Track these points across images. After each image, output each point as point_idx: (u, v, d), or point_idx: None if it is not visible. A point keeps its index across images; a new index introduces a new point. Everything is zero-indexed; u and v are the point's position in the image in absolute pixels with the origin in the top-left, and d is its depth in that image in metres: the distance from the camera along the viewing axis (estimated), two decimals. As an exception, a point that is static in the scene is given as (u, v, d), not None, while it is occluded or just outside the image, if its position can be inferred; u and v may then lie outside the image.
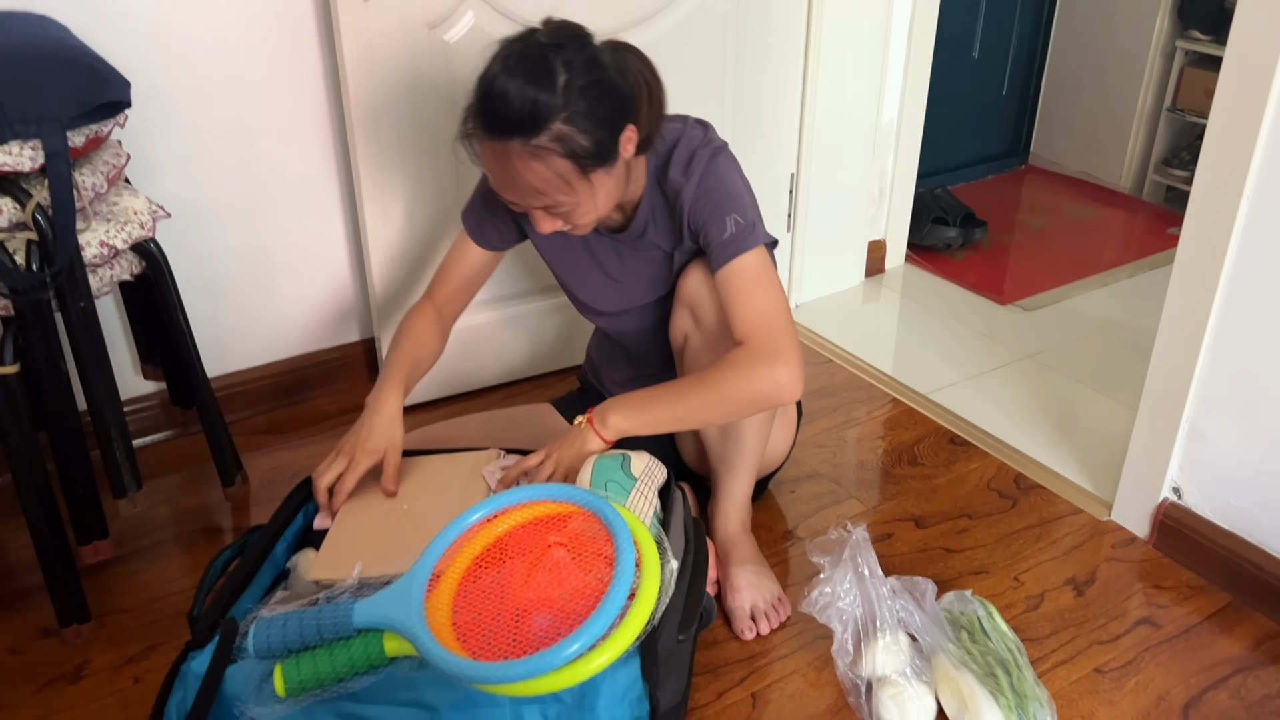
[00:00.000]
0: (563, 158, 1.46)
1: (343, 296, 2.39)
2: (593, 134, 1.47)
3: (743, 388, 1.54)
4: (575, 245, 1.82)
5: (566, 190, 1.50)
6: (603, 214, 1.59)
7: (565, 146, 1.45)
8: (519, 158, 1.46)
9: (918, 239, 3.15)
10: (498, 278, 2.35)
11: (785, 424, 1.95)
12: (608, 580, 1.21)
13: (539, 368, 2.51)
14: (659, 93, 1.59)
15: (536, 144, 1.44)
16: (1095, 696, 1.63)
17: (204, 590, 1.44)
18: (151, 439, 2.26)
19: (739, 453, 1.80)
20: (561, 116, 1.43)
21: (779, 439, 1.94)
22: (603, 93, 1.47)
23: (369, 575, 1.41)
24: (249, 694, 1.27)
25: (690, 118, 1.71)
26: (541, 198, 1.51)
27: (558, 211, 1.54)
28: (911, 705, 1.54)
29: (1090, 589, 1.85)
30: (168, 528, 2.01)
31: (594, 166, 1.50)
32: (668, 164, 1.65)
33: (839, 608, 1.60)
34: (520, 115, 1.42)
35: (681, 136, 1.67)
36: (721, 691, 1.64)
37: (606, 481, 1.49)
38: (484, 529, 1.34)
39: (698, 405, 1.57)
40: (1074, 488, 2.11)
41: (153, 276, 1.81)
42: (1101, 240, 3.33)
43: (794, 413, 2.00)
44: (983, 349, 2.67)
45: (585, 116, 1.45)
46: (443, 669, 1.17)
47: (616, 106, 1.50)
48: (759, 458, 1.83)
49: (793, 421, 2.00)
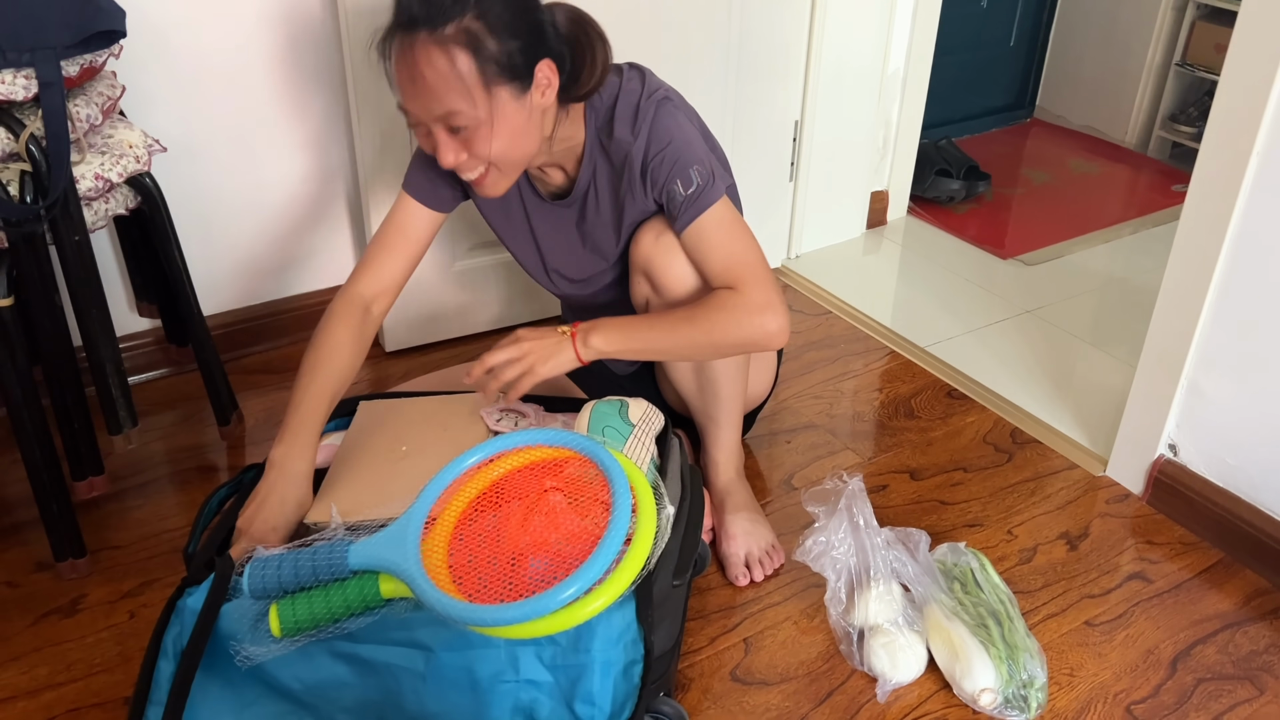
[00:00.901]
0: (465, 51, 1.39)
1: (341, 234, 2.38)
2: (503, 41, 1.41)
3: (732, 332, 1.55)
4: (515, 213, 1.75)
5: (466, 98, 1.42)
6: (508, 155, 1.50)
7: (470, 41, 1.39)
8: (422, 50, 1.39)
9: (920, 191, 3.14)
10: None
11: (763, 362, 1.94)
12: (604, 525, 1.22)
13: (538, 313, 2.50)
14: (597, 48, 1.53)
15: (442, 34, 1.39)
16: (1085, 649, 1.64)
17: (199, 528, 1.45)
18: (146, 377, 2.26)
19: (718, 404, 1.80)
20: (473, 12, 1.39)
21: (758, 379, 1.93)
22: (523, 8, 1.44)
23: (367, 517, 1.42)
24: (244, 632, 1.28)
25: (625, 66, 1.63)
26: (440, 104, 1.43)
27: (458, 130, 1.46)
28: (903, 654, 1.56)
29: (1083, 543, 1.86)
30: (163, 465, 2.01)
31: (499, 79, 1.43)
32: (610, 121, 1.59)
33: (833, 556, 1.60)
34: (431, 4, 1.39)
35: (620, 90, 1.59)
36: (714, 637, 1.65)
37: (604, 427, 1.49)
38: (480, 472, 1.34)
39: (684, 341, 1.56)
40: (1070, 443, 2.12)
41: (148, 211, 1.80)
42: (1105, 196, 3.31)
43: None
44: (983, 303, 2.66)
45: (498, 20, 1.40)
46: (438, 611, 1.18)
47: (534, 30, 1.45)
48: (740, 404, 1.83)
49: (771, 359, 1.98)
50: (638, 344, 1.57)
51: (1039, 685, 1.51)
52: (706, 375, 1.76)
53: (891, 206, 3.06)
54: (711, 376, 1.76)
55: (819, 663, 1.61)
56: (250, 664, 1.26)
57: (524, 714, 1.25)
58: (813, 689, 1.57)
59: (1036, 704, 1.51)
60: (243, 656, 1.25)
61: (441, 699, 1.25)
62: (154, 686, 1.26)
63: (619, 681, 1.25)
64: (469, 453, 1.34)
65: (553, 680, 1.25)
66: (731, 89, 2.46)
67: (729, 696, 1.56)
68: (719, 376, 1.75)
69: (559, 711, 1.24)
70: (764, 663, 1.61)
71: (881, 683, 1.55)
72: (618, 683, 1.25)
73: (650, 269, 1.64)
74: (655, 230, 1.63)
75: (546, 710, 1.25)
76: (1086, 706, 1.55)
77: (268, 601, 1.28)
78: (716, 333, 1.55)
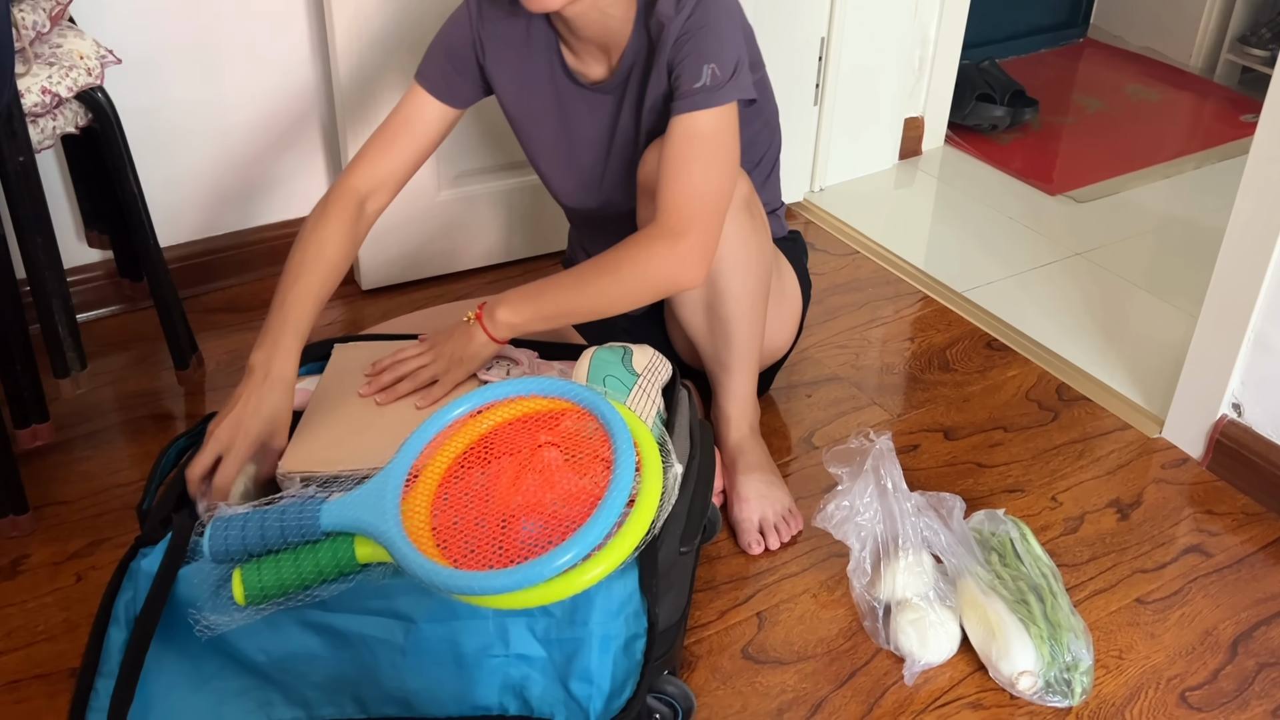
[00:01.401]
0: None
1: (313, 159, 2.36)
2: None
3: (639, 268, 1.52)
4: (542, 98, 1.74)
5: None
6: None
7: None
8: None
9: (960, 118, 3.11)
10: (482, 146, 2.32)
11: (785, 307, 1.92)
12: (604, 485, 1.21)
13: (527, 250, 2.49)
14: None
15: None
16: (1135, 629, 1.64)
17: (155, 482, 1.44)
18: (96, 314, 2.25)
19: (730, 349, 1.78)
20: None
21: (778, 326, 1.92)
22: None
23: (343, 471, 1.41)
24: (205, 599, 1.27)
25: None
26: None
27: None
28: (933, 632, 1.55)
29: (1135, 512, 1.85)
30: (114, 412, 2.01)
31: None
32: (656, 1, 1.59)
33: (857, 523, 1.60)
34: None
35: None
36: (724, 610, 1.65)
37: (605, 377, 1.48)
38: (467, 425, 1.33)
39: (593, 293, 1.54)
40: (1122, 401, 2.11)
41: (100, 130, 1.79)
42: (1166, 126, 3.29)
43: (796, 294, 1.97)
44: (1027, 244, 2.65)
45: None
46: (420, 578, 1.18)
47: None
48: (756, 351, 1.82)
49: (794, 305, 1.96)
50: (546, 307, 1.54)
51: (1084, 668, 1.51)
52: (717, 314, 1.74)
53: (927, 135, 3.04)
54: (723, 315, 1.74)
55: (840, 640, 1.61)
56: (211, 634, 1.25)
57: (514, 692, 1.25)
58: (833, 669, 1.57)
59: (1081, 689, 1.51)
60: (202, 626, 1.25)
61: (423, 675, 1.25)
62: (104, 657, 1.26)
63: (619, 658, 1.25)
64: (455, 403, 1.34)
65: (546, 655, 1.25)
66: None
67: (740, 676, 1.56)
68: (731, 315, 1.74)
69: (552, 690, 1.25)
70: (779, 639, 1.61)
71: (909, 663, 1.55)
72: (618, 659, 1.25)
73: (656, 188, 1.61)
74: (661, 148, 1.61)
75: (539, 688, 1.25)
76: (1136, 692, 1.55)
77: (231, 565, 1.28)
78: (624, 271, 1.52)
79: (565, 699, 1.25)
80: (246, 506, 1.32)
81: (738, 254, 1.68)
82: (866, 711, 1.51)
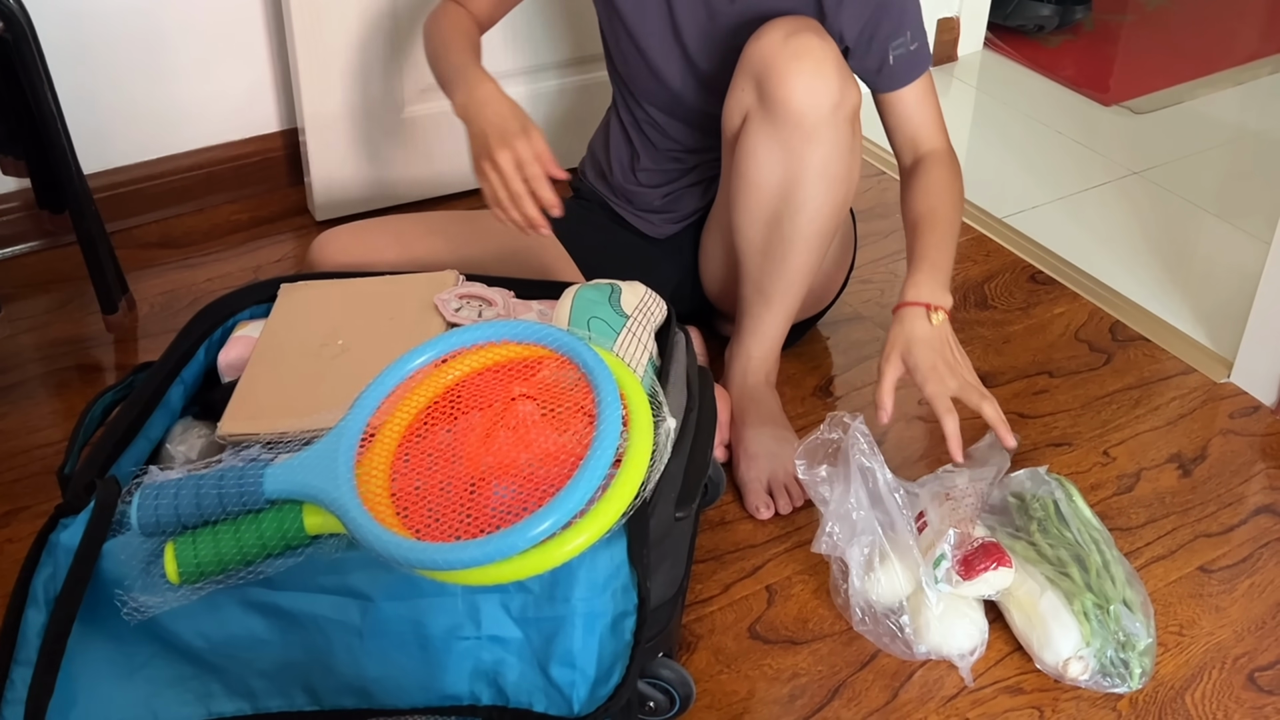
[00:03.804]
0: None
1: (257, 70, 2.35)
2: None
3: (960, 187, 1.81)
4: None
5: None
6: None
7: None
8: None
9: (1001, 18, 3.11)
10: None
11: (844, 248, 1.95)
12: (588, 441, 1.20)
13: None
14: None
15: None
16: (1199, 601, 1.64)
17: (79, 442, 1.44)
18: (12, 251, 2.25)
19: (780, 275, 1.78)
20: None
21: (833, 269, 1.94)
22: None
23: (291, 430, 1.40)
24: (134, 577, 1.27)
25: None
26: None
27: None
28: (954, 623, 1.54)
29: (1199, 468, 1.85)
30: (33, 363, 2.01)
31: None
32: None
33: (859, 541, 1.55)
34: None
35: None
36: (729, 583, 1.66)
37: (590, 319, 1.47)
38: (431, 375, 1.32)
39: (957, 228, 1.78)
40: (1185, 340, 2.11)
41: (11, 40, 1.77)
42: (1237, 24, 3.27)
43: (852, 235, 1.99)
44: (1078, 162, 2.64)
45: None
46: (377, 551, 1.17)
47: None
48: (804, 287, 1.82)
49: (850, 245, 1.99)
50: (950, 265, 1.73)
51: (1142, 647, 1.51)
52: (780, 231, 1.74)
53: (964, 37, 3.04)
54: (786, 234, 1.74)
55: (861, 615, 1.62)
56: (141, 617, 1.25)
57: (486, 679, 1.25)
58: (852, 649, 1.58)
59: (1140, 670, 1.51)
60: (132, 608, 1.25)
61: (383, 660, 1.25)
62: (21, 642, 1.25)
63: (605, 638, 1.25)
64: (416, 351, 1.33)
65: (522, 636, 1.25)
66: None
67: (746, 658, 1.57)
68: (796, 235, 1.74)
69: (530, 675, 1.25)
70: (791, 615, 1.62)
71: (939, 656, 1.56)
72: (604, 640, 1.25)
73: (767, 75, 1.64)
74: (787, 29, 1.64)
75: (515, 674, 1.25)
76: (1198, 673, 1.55)
77: (163, 539, 1.27)
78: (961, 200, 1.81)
79: (545, 685, 1.25)
80: (180, 471, 1.32)
81: (831, 166, 1.69)
82: (890, 698, 1.52)
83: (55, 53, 1.92)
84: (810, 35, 1.63)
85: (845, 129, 1.68)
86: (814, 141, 1.65)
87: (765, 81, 1.65)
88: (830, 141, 1.66)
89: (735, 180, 1.74)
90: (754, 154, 1.70)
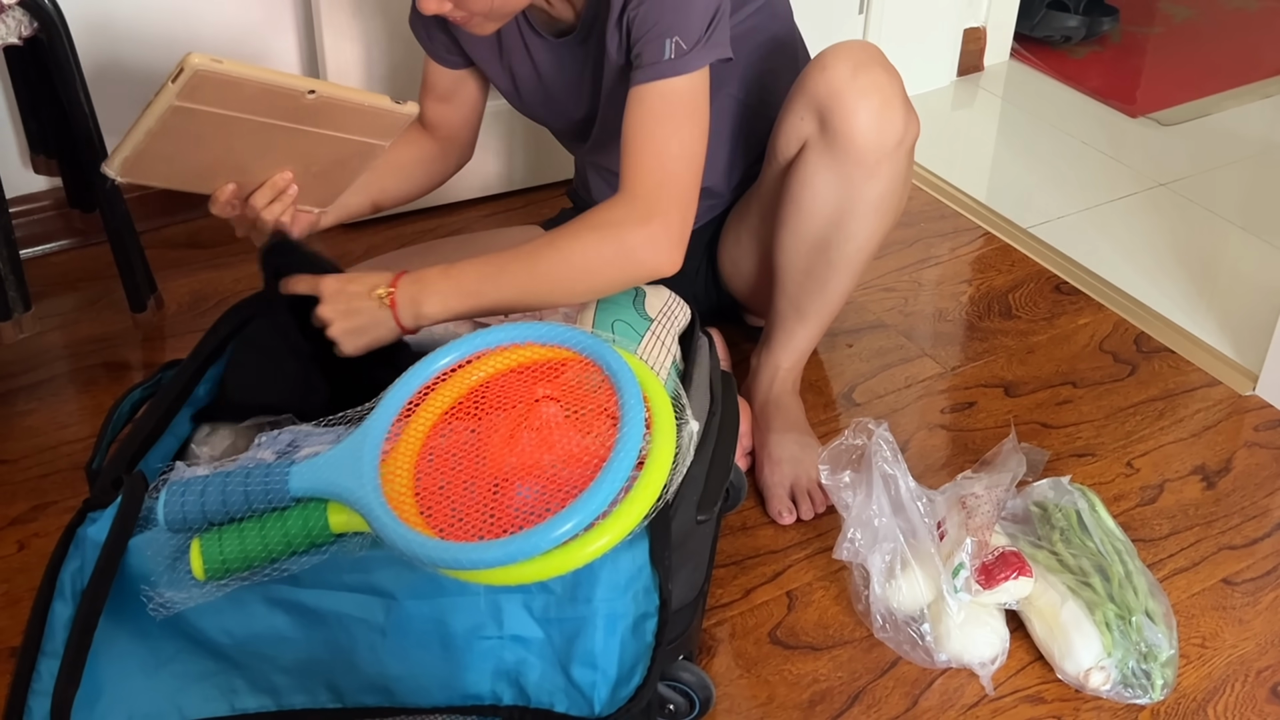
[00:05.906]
0: None
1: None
2: None
3: (604, 254, 1.47)
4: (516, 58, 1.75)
5: None
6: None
7: None
8: None
9: (1028, 28, 3.10)
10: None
11: None
12: (611, 444, 1.21)
13: (530, 178, 2.49)
14: None
15: None
16: (1222, 613, 1.64)
17: (106, 438, 1.44)
18: (43, 249, 2.26)
19: (820, 297, 1.79)
20: None
21: None
22: None
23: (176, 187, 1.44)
24: (160, 573, 1.28)
25: None
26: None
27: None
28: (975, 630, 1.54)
29: (1223, 480, 1.85)
30: (62, 360, 2.02)
31: None
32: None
33: (881, 547, 1.55)
34: None
35: None
36: (750, 588, 1.65)
37: (614, 321, 1.48)
38: (456, 376, 1.33)
39: (545, 281, 1.48)
40: (1210, 353, 2.10)
41: (46, 41, 1.78)
42: (1266, 37, 3.26)
43: None
44: (1104, 173, 2.63)
45: None
46: (401, 550, 1.17)
47: None
48: (840, 308, 1.84)
49: None
50: (488, 297, 1.48)
51: (1164, 658, 1.50)
52: (826, 256, 1.74)
53: (990, 48, 3.03)
54: (832, 259, 1.74)
55: (882, 622, 1.61)
56: (167, 613, 1.25)
57: (508, 678, 1.25)
58: (872, 656, 1.57)
59: (1162, 682, 1.50)
60: (157, 603, 1.25)
61: (405, 658, 1.26)
62: (48, 635, 1.26)
63: (627, 640, 1.25)
64: (441, 351, 1.33)
65: (544, 637, 1.25)
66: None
67: (766, 663, 1.56)
68: (842, 262, 1.74)
69: (551, 675, 1.25)
70: (812, 621, 1.61)
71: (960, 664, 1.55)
72: (625, 641, 1.25)
73: (832, 109, 1.61)
74: (854, 60, 1.61)
75: (536, 673, 1.25)
76: (1220, 686, 1.54)
77: (189, 535, 1.28)
78: (581, 255, 1.48)
79: (566, 686, 1.25)
80: (207, 468, 1.32)
81: (887, 200, 1.69)
82: (910, 705, 1.51)
83: (89, 53, 1.93)
84: (878, 71, 1.60)
85: (904, 162, 1.68)
86: (875, 178, 1.64)
87: (830, 115, 1.62)
88: (889, 176, 1.66)
89: (787, 204, 1.73)
90: (810, 182, 1.68)
